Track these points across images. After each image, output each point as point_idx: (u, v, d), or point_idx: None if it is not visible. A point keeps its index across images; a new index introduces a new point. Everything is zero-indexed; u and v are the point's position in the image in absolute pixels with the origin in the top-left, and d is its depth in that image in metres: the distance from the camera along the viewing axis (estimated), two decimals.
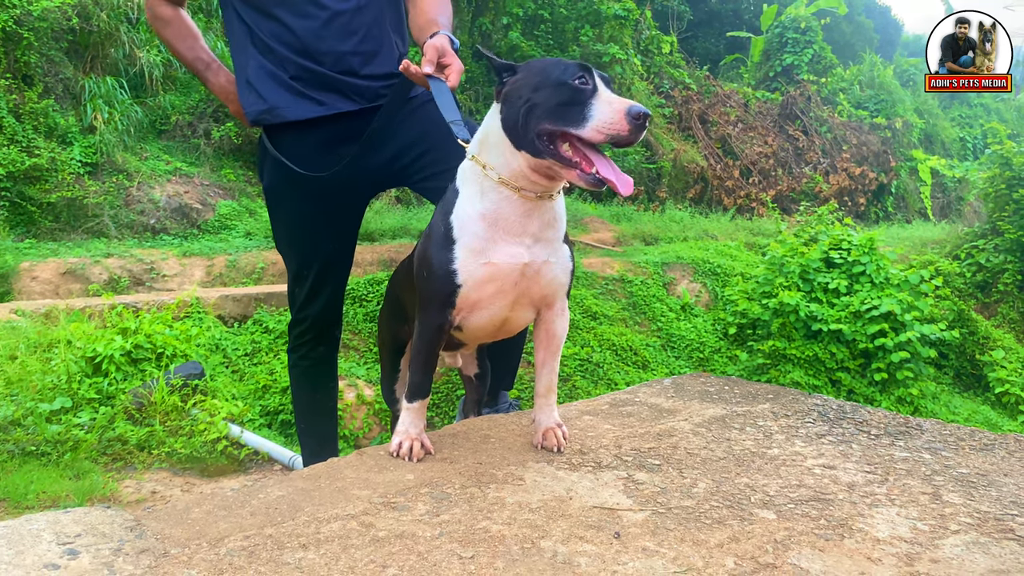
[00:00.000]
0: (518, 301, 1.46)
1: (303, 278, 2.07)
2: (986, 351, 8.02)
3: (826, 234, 7.54)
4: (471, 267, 1.39)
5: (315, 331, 2.15)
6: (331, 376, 2.31)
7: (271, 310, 5.57)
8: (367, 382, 5.28)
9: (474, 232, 1.40)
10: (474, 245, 1.39)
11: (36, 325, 4.43)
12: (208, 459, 3.65)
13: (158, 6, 1.99)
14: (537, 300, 1.48)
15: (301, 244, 2.05)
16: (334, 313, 2.17)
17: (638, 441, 1.55)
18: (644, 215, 10.90)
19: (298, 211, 1.99)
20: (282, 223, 2.07)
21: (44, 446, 3.43)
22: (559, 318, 1.53)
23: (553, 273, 1.45)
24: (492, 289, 1.41)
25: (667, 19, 15.80)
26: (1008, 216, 9.19)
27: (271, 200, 2.06)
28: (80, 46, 7.27)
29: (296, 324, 2.17)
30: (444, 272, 1.40)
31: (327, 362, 2.25)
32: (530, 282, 1.43)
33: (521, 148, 1.34)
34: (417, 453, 1.48)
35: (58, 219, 6.65)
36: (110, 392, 3.82)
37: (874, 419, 1.71)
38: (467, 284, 1.40)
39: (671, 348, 7.16)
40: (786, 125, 13.94)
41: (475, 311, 1.45)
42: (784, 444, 1.54)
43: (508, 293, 1.43)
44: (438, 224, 1.45)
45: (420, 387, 1.53)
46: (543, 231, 1.42)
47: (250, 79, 1.87)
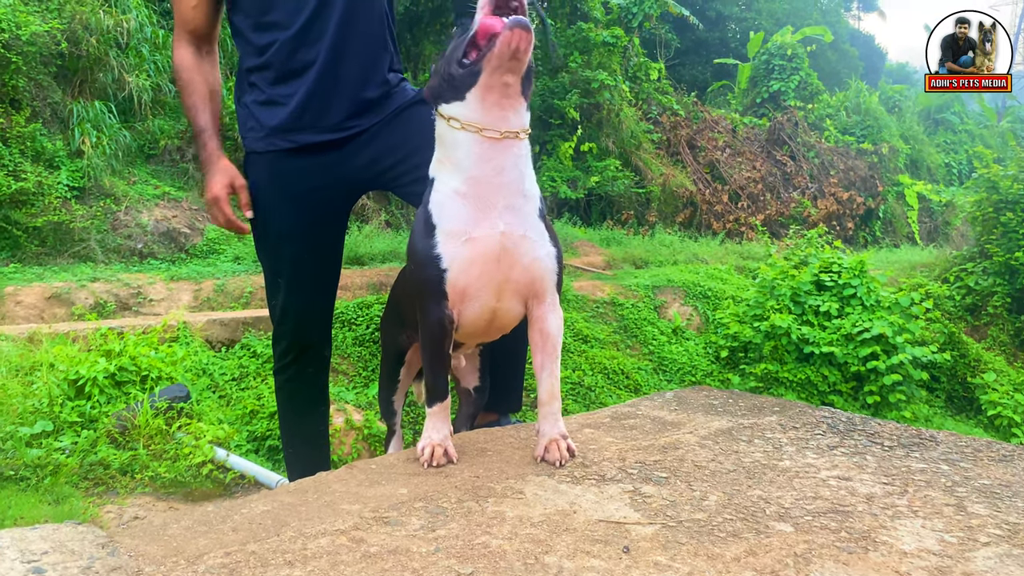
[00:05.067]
0: (504, 287, 1.44)
1: (276, 286, 2.01)
2: (977, 374, 8.00)
3: (816, 257, 7.53)
4: (453, 248, 1.39)
5: (297, 349, 2.06)
6: (320, 399, 2.20)
7: (259, 334, 5.48)
8: (356, 407, 5.17)
9: (452, 213, 1.41)
10: (453, 227, 1.40)
11: (18, 348, 4.32)
12: (193, 483, 3.54)
13: (176, 50, 1.99)
14: (524, 287, 1.45)
15: (274, 247, 2.00)
16: (314, 333, 2.07)
17: (643, 454, 1.48)
18: (634, 239, 10.90)
19: (273, 210, 1.95)
20: (260, 226, 2.02)
21: (23, 471, 3.32)
22: (551, 314, 1.49)
23: (535, 253, 1.43)
24: (476, 271, 1.40)
25: (655, 46, 15.95)
26: (996, 239, 9.23)
27: (251, 199, 2.02)
28: (69, 70, 7.22)
29: (276, 342, 2.09)
30: (429, 258, 1.40)
31: (315, 385, 2.15)
32: (512, 260, 1.42)
33: (462, 92, 1.38)
34: (439, 459, 1.42)
35: (44, 243, 6.56)
36: (93, 415, 3.71)
37: (885, 431, 1.65)
38: (452, 267, 1.40)
39: (663, 371, 7.10)
40: (774, 150, 14.03)
41: (465, 301, 1.44)
42: (795, 456, 1.48)
43: (493, 274, 1.41)
44: (419, 216, 1.47)
45: (436, 389, 1.48)
46: (513, 197, 1.42)
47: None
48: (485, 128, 1.38)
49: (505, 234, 1.40)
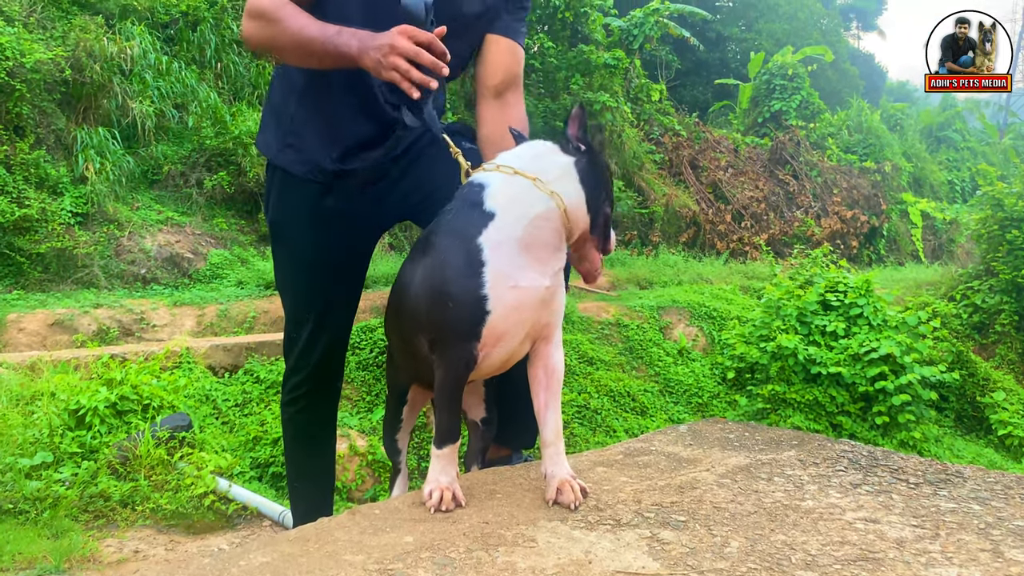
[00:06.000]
0: (529, 332, 1.41)
1: (303, 322, 1.94)
2: (987, 393, 7.91)
3: (822, 277, 7.49)
4: (501, 292, 1.33)
5: (312, 383, 2.00)
6: (330, 434, 2.15)
7: (262, 360, 5.43)
8: (360, 432, 5.12)
9: (508, 255, 1.34)
10: (504, 269, 1.34)
11: (19, 377, 4.28)
12: (194, 515, 3.48)
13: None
14: (540, 330, 1.43)
15: (303, 283, 1.94)
16: (335, 364, 2.04)
17: (659, 495, 1.43)
18: (638, 259, 10.86)
19: (302, 243, 1.89)
20: (284, 260, 1.97)
21: (22, 503, 3.26)
22: (556, 351, 1.47)
23: (559, 300, 1.44)
24: (516, 318, 1.36)
25: (656, 68, 16.02)
26: (1002, 257, 9.18)
27: (276, 234, 1.96)
28: (73, 97, 7.25)
29: (292, 374, 2.02)
30: (472, 299, 1.32)
31: (326, 418, 2.10)
32: (544, 309, 1.40)
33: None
34: (447, 503, 1.37)
35: (47, 270, 6.54)
36: (93, 446, 3.66)
37: (909, 466, 1.60)
38: (496, 311, 1.33)
39: (669, 393, 7.04)
40: (776, 170, 14.02)
41: (498, 345, 1.38)
42: (818, 495, 1.42)
43: (528, 322, 1.38)
44: (454, 249, 1.36)
45: (448, 431, 1.42)
46: (558, 256, 1.41)
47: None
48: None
49: (548, 288, 1.39)
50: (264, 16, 1.64)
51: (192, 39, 8.58)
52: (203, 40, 8.58)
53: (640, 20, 13.75)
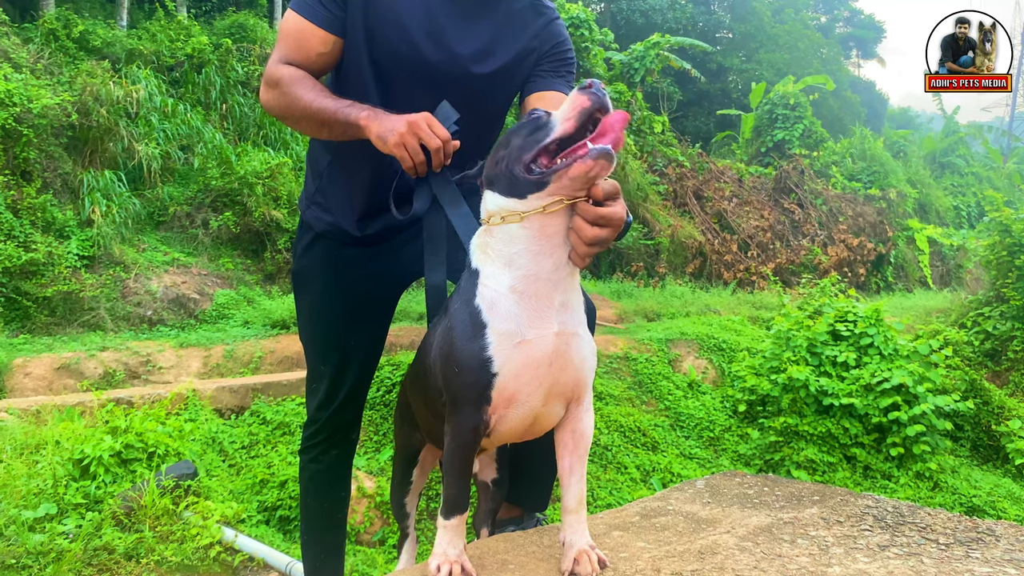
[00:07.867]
0: (551, 390, 1.33)
1: (322, 374, 1.97)
2: (1002, 421, 7.79)
3: (831, 306, 7.43)
4: (506, 350, 1.27)
5: (329, 430, 2.02)
6: (343, 484, 2.15)
7: (269, 400, 5.39)
8: (368, 473, 5.05)
9: (506, 310, 1.29)
10: (506, 326, 1.28)
11: (25, 425, 4.25)
12: (200, 567, 3.41)
13: (275, 68, 1.72)
14: (569, 389, 1.35)
15: (320, 333, 1.96)
16: (352, 414, 2.05)
17: (678, 562, 1.38)
18: (645, 291, 10.82)
19: (324, 293, 1.92)
20: (306, 310, 1.99)
21: (25, 558, 3.20)
22: (586, 414, 1.40)
23: (584, 351, 1.34)
24: (528, 375, 1.29)
25: (657, 100, 16.15)
26: (1012, 283, 9.11)
27: (299, 284, 2.00)
28: (79, 141, 7.31)
29: (311, 423, 2.05)
30: (477, 363, 1.27)
31: (340, 468, 2.11)
32: (564, 361, 1.31)
33: (524, 193, 1.27)
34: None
35: (54, 313, 6.54)
36: (98, 496, 3.61)
37: (937, 523, 1.54)
38: (503, 371, 1.27)
39: (680, 427, 6.95)
40: (781, 199, 14.03)
41: (511, 407, 1.32)
42: (844, 560, 1.37)
43: (544, 378, 1.31)
44: (459, 312, 1.33)
45: (457, 501, 1.36)
46: (569, 293, 1.33)
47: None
48: (545, 226, 1.28)
49: (559, 334, 1.30)
50: (280, 85, 1.68)
51: (197, 81, 8.68)
52: (208, 82, 8.68)
53: (641, 53, 13.87)
